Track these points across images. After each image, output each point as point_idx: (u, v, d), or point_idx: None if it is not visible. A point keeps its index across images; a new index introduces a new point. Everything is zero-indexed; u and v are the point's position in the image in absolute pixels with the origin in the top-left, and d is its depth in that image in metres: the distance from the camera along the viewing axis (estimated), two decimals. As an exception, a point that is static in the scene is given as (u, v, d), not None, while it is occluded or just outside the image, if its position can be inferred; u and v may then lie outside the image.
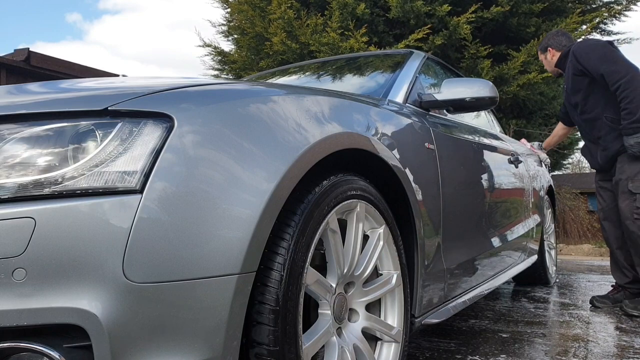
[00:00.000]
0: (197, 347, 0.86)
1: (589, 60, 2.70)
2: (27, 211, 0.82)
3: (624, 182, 2.68)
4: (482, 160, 2.31)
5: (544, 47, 3.11)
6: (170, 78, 1.19)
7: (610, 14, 6.60)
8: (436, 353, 1.92)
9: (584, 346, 2.03)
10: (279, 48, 6.20)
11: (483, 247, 2.21)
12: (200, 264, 0.87)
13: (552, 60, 3.07)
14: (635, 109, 2.55)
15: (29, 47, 7.62)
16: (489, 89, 1.98)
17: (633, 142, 2.60)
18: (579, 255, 6.95)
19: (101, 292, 0.81)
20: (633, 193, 2.63)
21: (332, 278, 1.19)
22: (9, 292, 0.80)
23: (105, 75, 8.36)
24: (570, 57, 2.84)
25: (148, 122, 0.92)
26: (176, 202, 0.87)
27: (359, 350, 1.25)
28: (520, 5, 6.05)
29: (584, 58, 2.73)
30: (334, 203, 1.16)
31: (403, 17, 5.97)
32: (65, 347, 0.83)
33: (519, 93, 6.09)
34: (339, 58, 2.79)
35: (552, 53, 3.06)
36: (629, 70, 2.60)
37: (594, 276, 4.26)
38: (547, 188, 3.74)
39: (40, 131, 0.89)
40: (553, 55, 3.06)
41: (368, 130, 1.38)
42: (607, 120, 2.75)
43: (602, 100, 2.75)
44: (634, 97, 2.55)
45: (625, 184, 2.67)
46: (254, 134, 1.01)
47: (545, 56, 3.11)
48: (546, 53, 3.10)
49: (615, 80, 2.58)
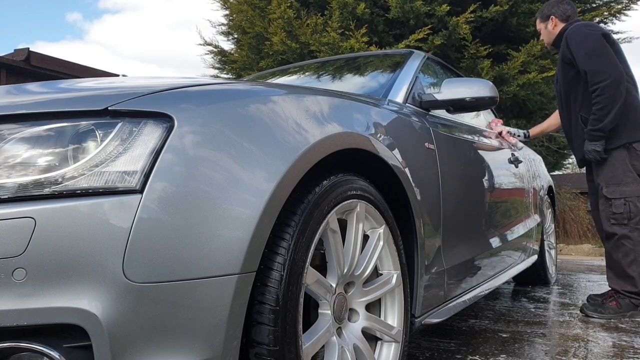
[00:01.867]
0: (197, 347, 0.86)
1: (578, 51, 2.51)
2: (27, 211, 0.82)
3: (601, 187, 2.60)
4: (482, 160, 2.31)
5: (545, 15, 2.79)
6: (171, 78, 1.19)
7: (610, 13, 6.59)
8: (436, 353, 1.92)
9: (584, 346, 2.03)
10: (279, 48, 6.19)
11: (483, 247, 2.21)
12: (200, 264, 0.87)
13: (553, 31, 2.78)
14: (603, 117, 2.45)
15: (29, 47, 7.62)
16: (489, 89, 1.98)
17: (591, 148, 2.53)
18: (579, 255, 6.95)
19: (101, 292, 0.81)
20: (608, 198, 2.55)
21: (332, 278, 1.19)
22: (9, 292, 0.80)
23: (105, 75, 8.36)
24: (563, 41, 2.62)
25: (148, 122, 0.92)
26: (176, 202, 0.87)
27: (359, 350, 1.25)
28: (520, 5, 6.05)
29: (574, 47, 2.54)
30: (334, 203, 1.16)
31: (403, 17, 5.97)
32: (65, 347, 0.83)
33: (519, 93, 6.08)
34: (338, 58, 2.79)
35: (555, 22, 2.76)
36: (613, 73, 2.44)
37: (594, 276, 4.26)
38: (547, 188, 3.74)
39: (40, 131, 0.89)
40: (555, 25, 2.77)
41: (368, 130, 1.38)
42: (581, 120, 2.63)
43: (581, 97, 2.61)
44: (606, 104, 2.43)
45: (601, 189, 2.59)
46: (254, 134, 1.01)
47: (546, 25, 2.80)
48: (547, 22, 2.79)
49: (596, 81, 2.45)
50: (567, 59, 2.62)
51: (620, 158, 2.54)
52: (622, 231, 2.53)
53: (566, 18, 2.76)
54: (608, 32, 2.67)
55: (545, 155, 7.04)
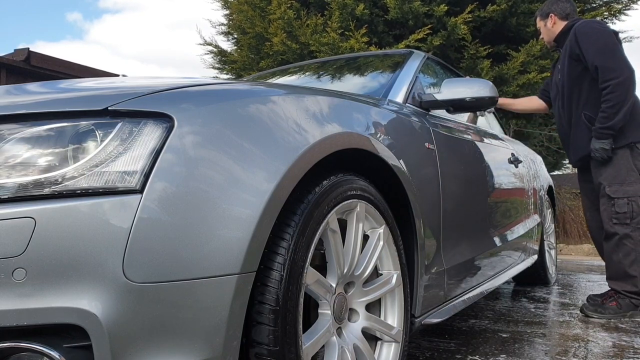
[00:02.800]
0: (197, 347, 0.86)
1: (589, 46, 2.48)
2: (27, 211, 0.82)
3: (603, 186, 2.57)
4: (482, 160, 2.31)
5: (545, 12, 2.79)
6: (171, 78, 1.19)
7: (610, 13, 6.59)
8: (436, 353, 1.92)
9: (584, 346, 2.03)
10: (279, 48, 6.19)
11: (483, 247, 2.21)
12: (200, 264, 0.87)
13: (552, 29, 2.77)
14: (613, 115, 2.42)
15: (29, 46, 7.62)
16: (489, 89, 1.98)
17: (598, 146, 2.50)
18: (579, 255, 6.95)
19: (101, 292, 0.81)
20: (611, 197, 2.53)
21: (332, 278, 1.19)
22: (9, 292, 0.80)
23: (105, 75, 8.36)
24: (571, 36, 2.59)
25: (148, 122, 0.92)
26: (176, 202, 0.87)
27: (359, 350, 1.25)
28: (519, 4, 6.04)
29: (584, 42, 2.50)
30: (334, 203, 1.16)
31: (402, 17, 5.97)
32: (65, 347, 0.83)
33: (518, 93, 6.08)
34: (338, 58, 2.79)
35: (554, 20, 2.76)
36: (625, 71, 2.44)
37: (594, 276, 4.26)
38: (547, 188, 3.74)
39: (40, 131, 0.89)
40: (554, 22, 2.76)
41: (368, 130, 1.38)
42: (584, 117, 2.59)
43: (585, 94, 2.58)
44: (616, 102, 2.41)
45: (603, 188, 2.57)
46: (254, 134, 1.01)
47: (545, 23, 2.79)
48: (546, 20, 2.78)
49: (608, 78, 2.42)
50: (574, 55, 2.57)
51: (624, 157, 2.53)
52: (623, 231, 2.52)
53: (565, 16, 2.75)
54: (617, 31, 2.66)
55: (545, 155, 7.04)
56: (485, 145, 2.42)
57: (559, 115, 2.81)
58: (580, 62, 2.56)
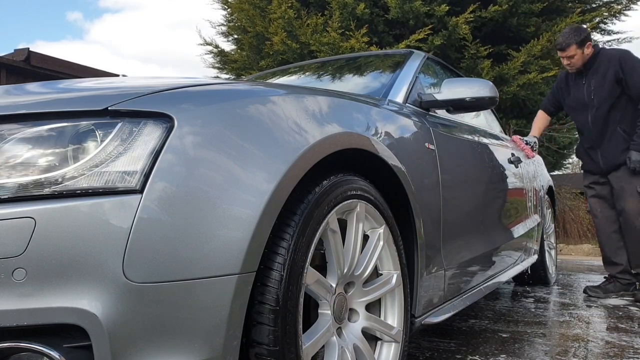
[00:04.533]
0: (197, 347, 0.86)
1: (633, 73, 2.93)
2: (27, 211, 0.82)
3: (632, 186, 2.97)
4: (482, 160, 2.31)
5: (582, 40, 3.07)
6: (171, 78, 1.19)
7: (610, 13, 6.59)
8: (436, 353, 1.92)
9: (584, 346, 2.03)
10: (279, 48, 6.19)
11: (483, 247, 2.21)
12: (200, 264, 0.87)
13: (587, 55, 3.09)
14: None
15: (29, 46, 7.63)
16: (489, 89, 1.98)
17: (636, 158, 2.88)
18: (579, 255, 6.95)
19: (101, 292, 0.81)
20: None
21: (332, 278, 1.19)
22: (9, 292, 0.80)
23: (105, 75, 8.37)
24: (614, 62, 3.00)
25: (148, 122, 0.92)
26: (176, 202, 0.87)
27: (359, 350, 1.25)
28: (520, 5, 6.04)
29: (629, 69, 2.94)
30: (334, 203, 1.16)
31: (402, 17, 5.97)
32: (65, 347, 0.83)
33: (519, 93, 6.08)
34: (339, 58, 2.79)
35: (589, 47, 3.08)
36: None
37: (594, 276, 4.25)
38: (547, 188, 3.74)
39: (40, 131, 0.89)
40: (589, 49, 3.08)
41: (368, 130, 1.38)
42: (621, 130, 3.02)
43: (622, 111, 3.02)
44: None
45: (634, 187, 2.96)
46: (254, 134, 1.01)
47: (583, 50, 3.08)
48: (583, 47, 3.07)
49: None
50: (619, 79, 3.00)
51: None
52: None
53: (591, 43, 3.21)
54: None
55: (545, 155, 7.04)
56: (485, 145, 2.42)
57: (586, 129, 3.18)
58: (621, 85, 2.99)
